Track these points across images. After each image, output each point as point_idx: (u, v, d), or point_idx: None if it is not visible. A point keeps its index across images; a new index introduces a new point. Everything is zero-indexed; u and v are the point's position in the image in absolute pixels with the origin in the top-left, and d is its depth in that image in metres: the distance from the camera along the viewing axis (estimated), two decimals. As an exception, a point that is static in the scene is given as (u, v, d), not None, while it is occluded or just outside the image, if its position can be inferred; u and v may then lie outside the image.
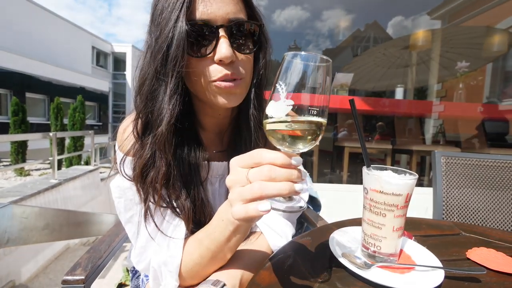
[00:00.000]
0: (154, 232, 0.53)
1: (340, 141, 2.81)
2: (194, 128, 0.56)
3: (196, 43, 0.47)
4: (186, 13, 0.45)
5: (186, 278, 0.52)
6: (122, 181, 0.54)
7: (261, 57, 0.55)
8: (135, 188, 0.52)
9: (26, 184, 4.10)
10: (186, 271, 0.51)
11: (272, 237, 0.59)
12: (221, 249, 0.48)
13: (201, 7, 0.46)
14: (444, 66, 3.67)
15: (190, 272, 0.51)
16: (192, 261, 0.51)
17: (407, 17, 4.62)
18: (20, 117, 7.75)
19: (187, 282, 0.53)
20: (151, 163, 0.50)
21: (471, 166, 0.94)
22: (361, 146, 0.47)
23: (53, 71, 12.82)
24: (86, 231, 3.12)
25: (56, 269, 3.94)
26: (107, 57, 19.57)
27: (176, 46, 0.45)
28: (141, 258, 0.54)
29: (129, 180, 0.52)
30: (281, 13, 4.49)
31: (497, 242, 0.56)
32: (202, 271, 0.51)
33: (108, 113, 17.87)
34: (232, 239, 0.47)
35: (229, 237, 0.46)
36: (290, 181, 0.35)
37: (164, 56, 0.46)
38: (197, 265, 0.51)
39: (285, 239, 0.60)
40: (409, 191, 0.42)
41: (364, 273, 0.40)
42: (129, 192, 0.54)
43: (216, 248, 0.48)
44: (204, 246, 0.49)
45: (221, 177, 0.62)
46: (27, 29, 12.22)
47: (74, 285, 0.54)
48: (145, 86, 0.49)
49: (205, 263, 0.50)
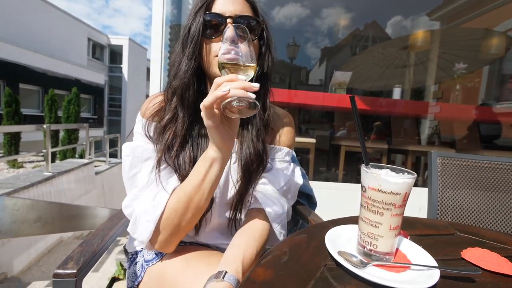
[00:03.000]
0: (150, 182, 0.61)
1: (336, 140, 2.81)
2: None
3: (209, 28, 0.62)
4: (205, 9, 0.61)
5: (161, 229, 0.57)
6: (134, 141, 0.65)
7: (265, 52, 0.67)
8: (145, 147, 0.63)
9: (19, 176, 4.05)
10: (162, 220, 0.57)
11: (268, 205, 0.65)
12: (196, 191, 0.55)
13: (217, 5, 0.62)
14: (442, 67, 3.69)
15: (165, 221, 0.57)
16: (169, 208, 0.57)
17: (406, 17, 4.63)
18: (13, 108, 7.61)
19: (161, 235, 0.58)
20: (174, 119, 0.63)
21: (467, 167, 0.95)
22: (360, 144, 0.47)
23: (48, 62, 12.57)
24: (80, 224, 3.09)
25: (49, 262, 3.92)
26: (103, 50, 19.28)
27: (194, 29, 0.61)
28: (131, 203, 0.61)
29: (149, 139, 0.63)
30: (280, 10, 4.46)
31: (491, 243, 0.56)
32: (177, 219, 0.56)
33: (103, 106, 17.64)
34: (207, 178, 0.55)
35: (205, 174, 0.55)
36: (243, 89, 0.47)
37: (186, 36, 0.62)
38: (173, 212, 0.57)
39: (280, 207, 0.66)
40: (407, 190, 0.42)
41: (360, 271, 0.40)
42: (137, 150, 0.63)
43: (192, 189, 0.56)
44: (182, 190, 0.57)
45: None
46: (21, 18, 11.96)
47: (65, 279, 0.53)
48: (175, 61, 0.64)
49: (181, 209, 0.56)
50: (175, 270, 0.60)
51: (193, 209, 0.57)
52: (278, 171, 0.70)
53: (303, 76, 5.31)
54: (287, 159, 0.74)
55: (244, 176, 0.67)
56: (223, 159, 0.55)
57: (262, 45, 0.67)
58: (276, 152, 0.73)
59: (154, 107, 0.66)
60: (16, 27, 11.69)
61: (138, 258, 0.69)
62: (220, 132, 0.52)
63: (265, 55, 0.67)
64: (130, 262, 0.72)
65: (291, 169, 0.74)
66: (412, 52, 3.60)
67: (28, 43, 11.82)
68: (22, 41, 11.53)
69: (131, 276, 0.68)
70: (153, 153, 0.63)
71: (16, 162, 6.35)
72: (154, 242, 0.59)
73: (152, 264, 0.64)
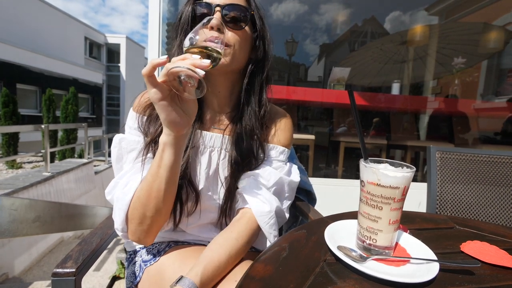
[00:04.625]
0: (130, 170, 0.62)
1: (336, 136, 2.81)
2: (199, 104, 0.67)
3: (198, 16, 0.62)
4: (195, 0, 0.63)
5: (130, 218, 0.57)
6: (122, 134, 0.66)
7: (258, 44, 0.66)
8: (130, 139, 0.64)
9: (18, 176, 4.04)
10: (129, 209, 0.57)
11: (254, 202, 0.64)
12: (154, 179, 0.54)
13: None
14: (440, 62, 3.68)
15: (131, 210, 0.57)
16: (134, 197, 0.57)
17: (405, 13, 4.60)
18: (11, 109, 7.57)
19: (131, 224, 0.57)
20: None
21: (466, 161, 0.95)
22: (359, 139, 0.46)
23: (45, 62, 12.48)
24: (79, 224, 3.09)
25: (50, 262, 3.92)
26: (100, 49, 19.16)
27: (184, 18, 0.63)
28: (111, 190, 0.62)
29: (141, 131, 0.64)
30: (278, 7, 4.43)
31: (490, 236, 0.56)
32: (141, 208, 0.56)
33: (102, 106, 17.58)
34: (162, 164, 0.53)
35: (159, 160, 0.53)
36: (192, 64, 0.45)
37: (177, 26, 0.65)
38: (136, 200, 0.56)
39: (268, 205, 0.64)
40: (406, 184, 0.42)
41: (359, 265, 0.40)
42: (123, 141, 0.64)
43: (150, 177, 0.54)
44: (145, 179, 0.56)
45: (211, 150, 0.68)
46: (17, 17, 11.86)
47: (64, 278, 0.53)
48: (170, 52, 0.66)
49: (143, 197, 0.55)
50: (173, 269, 0.59)
51: (155, 198, 0.55)
52: (270, 170, 0.68)
53: (302, 73, 5.29)
54: (281, 158, 0.72)
55: (233, 173, 0.66)
56: (176, 144, 0.52)
57: (256, 38, 0.66)
58: (270, 150, 0.71)
59: (146, 101, 0.66)
60: (12, 26, 11.60)
61: (137, 258, 0.69)
62: (169, 113, 0.49)
63: (258, 47, 0.66)
64: (129, 262, 0.72)
65: (286, 168, 0.72)
66: (410, 47, 3.59)
67: (24, 42, 11.72)
68: (18, 40, 11.44)
69: (130, 276, 0.68)
70: (138, 145, 0.64)
71: (15, 162, 6.34)
72: (129, 232, 0.59)
73: (150, 264, 0.64)
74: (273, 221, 0.64)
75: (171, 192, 0.57)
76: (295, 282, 0.38)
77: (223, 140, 0.67)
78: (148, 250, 0.68)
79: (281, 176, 0.69)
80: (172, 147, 0.52)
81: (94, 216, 3.09)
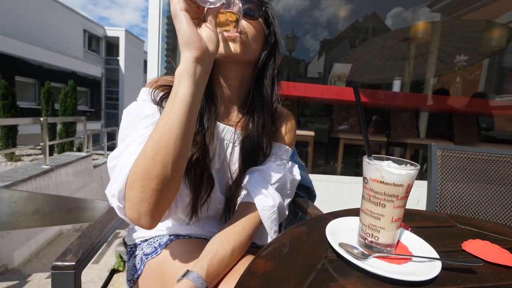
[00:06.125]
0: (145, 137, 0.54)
1: (335, 133, 2.80)
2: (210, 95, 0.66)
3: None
4: None
5: (130, 181, 0.48)
6: (135, 103, 0.62)
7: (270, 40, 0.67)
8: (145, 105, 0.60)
9: (17, 169, 4.03)
10: (131, 169, 0.49)
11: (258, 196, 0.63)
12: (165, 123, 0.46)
13: None
14: (442, 59, 3.66)
15: (134, 169, 0.48)
16: (139, 154, 0.48)
17: (407, 9, 4.57)
18: (10, 101, 7.52)
19: (130, 193, 0.48)
20: None
21: (467, 159, 0.95)
22: (363, 135, 0.46)
23: (44, 54, 12.36)
24: (78, 217, 3.09)
25: (49, 254, 3.94)
26: (99, 42, 18.96)
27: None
28: (117, 156, 0.54)
29: (154, 103, 0.60)
30: (279, 1, 4.38)
31: (492, 235, 0.56)
32: (144, 165, 0.46)
33: (101, 99, 17.48)
34: (176, 102, 0.45)
35: (174, 94, 0.46)
36: None
37: None
38: (141, 156, 0.48)
39: (271, 199, 0.63)
40: (410, 181, 0.41)
41: (361, 263, 0.40)
42: (136, 109, 0.59)
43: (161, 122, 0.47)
44: (154, 130, 0.47)
45: (221, 142, 0.67)
46: (15, 9, 11.71)
47: (64, 271, 0.52)
48: None
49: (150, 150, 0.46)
50: (175, 263, 0.59)
51: (164, 148, 0.46)
52: (274, 166, 0.69)
53: (302, 68, 5.26)
54: (285, 157, 0.74)
55: (243, 166, 0.66)
56: (192, 72, 0.46)
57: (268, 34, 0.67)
58: (275, 148, 0.73)
59: (163, 82, 0.63)
60: (10, 18, 11.45)
61: (138, 251, 0.69)
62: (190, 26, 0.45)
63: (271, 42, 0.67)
64: (129, 255, 0.71)
65: (288, 166, 0.74)
66: (412, 44, 3.56)
67: (23, 34, 11.60)
68: (16, 32, 11.32)
69: (131, 269, 0.68)
70: (151, 113, 0.58)
71: (13, 155, 6.32)
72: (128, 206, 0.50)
73: (151, 258, 0.64)
74: (275, 216, 0.64)
75: (183, 147, 0.47)
76: (296, 279, 0.38)
77: (234, 134, 0.68)
78: (149, 244, 0.68)
79: (284, 173, 0.70)
80: (189, 76, 0.45)
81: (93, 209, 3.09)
